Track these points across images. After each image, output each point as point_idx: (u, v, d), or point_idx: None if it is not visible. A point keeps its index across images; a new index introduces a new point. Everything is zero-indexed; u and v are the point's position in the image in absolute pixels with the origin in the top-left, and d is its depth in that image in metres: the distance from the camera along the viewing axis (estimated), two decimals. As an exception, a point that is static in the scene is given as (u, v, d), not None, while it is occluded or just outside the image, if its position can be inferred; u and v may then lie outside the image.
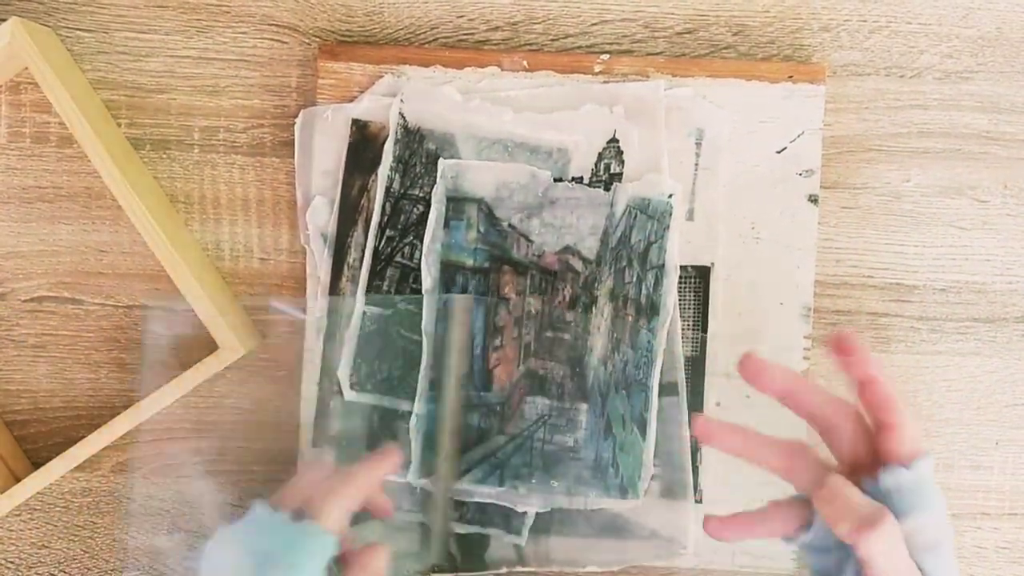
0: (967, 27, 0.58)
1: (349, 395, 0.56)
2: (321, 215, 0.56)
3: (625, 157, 0.56)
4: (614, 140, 0.56)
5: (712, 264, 0.56)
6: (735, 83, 0.56)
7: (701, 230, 0.56)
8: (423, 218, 0.56)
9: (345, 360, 0.56)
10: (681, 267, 0.56)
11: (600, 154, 0.56)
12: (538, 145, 0.56)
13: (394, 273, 0.56)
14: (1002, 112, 0.58)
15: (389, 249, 0.56)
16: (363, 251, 0.56)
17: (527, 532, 0.56)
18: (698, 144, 0.56)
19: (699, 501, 0.57)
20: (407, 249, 0.56)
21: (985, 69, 0.58)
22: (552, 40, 0.58)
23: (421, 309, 0.55)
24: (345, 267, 0.56)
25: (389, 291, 0.56)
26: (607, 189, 0.55)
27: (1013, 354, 0.59)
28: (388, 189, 0.56)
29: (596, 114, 0.56)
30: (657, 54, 0.58)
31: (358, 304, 0.56)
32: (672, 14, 0.58)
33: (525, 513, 0.56)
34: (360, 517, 0.57)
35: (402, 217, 0.56)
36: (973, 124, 0.58)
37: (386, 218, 0.56)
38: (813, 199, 0.56)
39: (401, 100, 0.55)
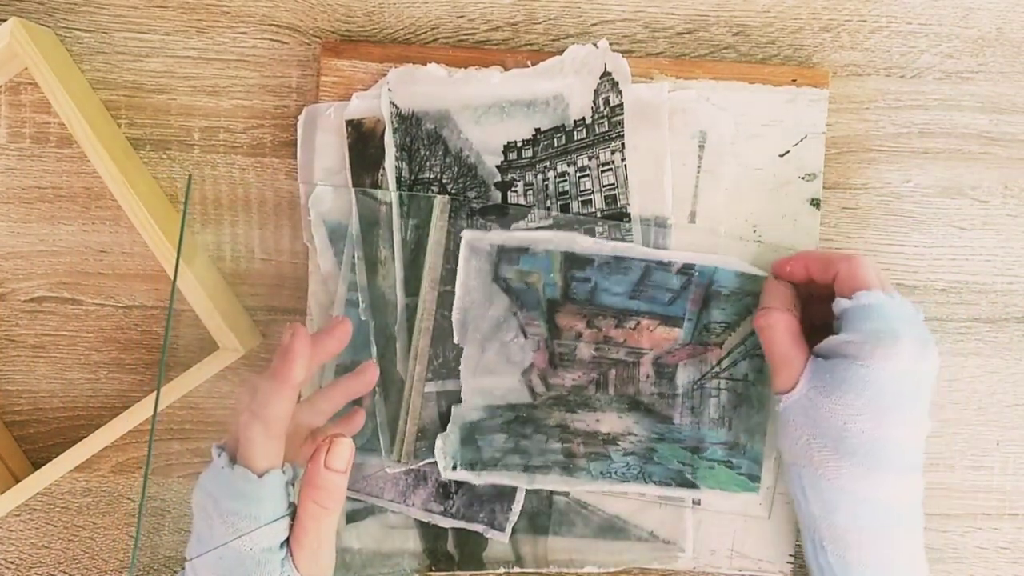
0: (967, 27, 0.58)
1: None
2: (324, 202, 0.56)
3: (620, 84, 0.55)
4: (606, 73, 0.55)
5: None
6: (738, 86, 0.56)
7: (703, 232, 0.56)
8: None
9: (400, 355, 0.56)
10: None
11: (596, 90, 0.56)
12: (533, 99, 0.56)
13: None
14: (1003, 112, 0.58)
15: (417, 237, 0.56)
16: (392, 246, 0.56)
17: (509, 528, 0.56)
18: (701, 146, 0.56)
19: (697, 503, 0.57)
20: None
21: (985, 69, 0.58)
22: (553, 40, 0.58)
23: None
24: (378, 266, 0.56)
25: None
26: (611, 124, 0.55)
27: (1014, 354, 0.59)
28: (399, 180, 0.56)
29: (582, 52, 0.55)
30: (658, 54, 0.57)
31: (399, 299, 0.56)
32: (672, 14, 0.58)
33: (510, 510, 0.56)
34: (356, 515, 0.57)
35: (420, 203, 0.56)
36: (974, 124, 0.58)
37: (405, 208, 0.56)
38: (815, 203, 0.56)
39: (389, 89, 0.55)
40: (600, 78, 0.55)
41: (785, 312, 0.51)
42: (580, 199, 0.56)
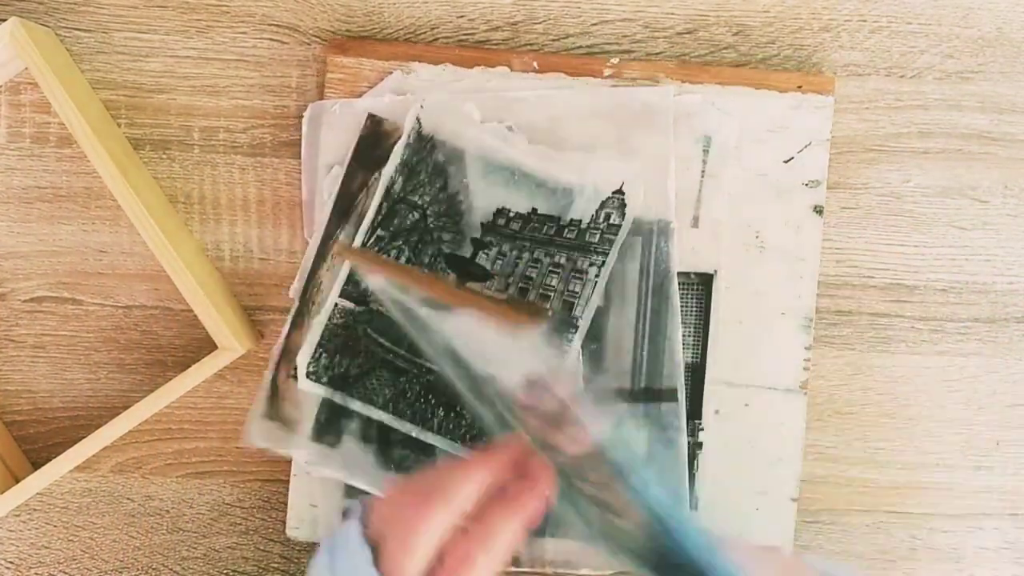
0: (967, 27, 0.58)
1: (303, 383, 0.56)
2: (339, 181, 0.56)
3: (627, 210, 0.55)
4: (620, 192, 0.55)
5: (715, 271, 0.56)
6: (744, 91, 0.56)
7: (706, 237, 0.56)
8: (416, 226, 0.56)
9: (307, 347, 0.56)
10: (684, 274, 0.56)
11: (604, 203, 0.55)
12: (545, 180, 0.56)
13: None
14: (1003, 112, 0.58)
15: (376, 249, 0.55)
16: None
17: None
18: (705, 151, 0.56)
19: (694, 508, 0.57)
20: (394, 253, 0.55)
21: (985, 69, 0.58)
22: (553, 40, 0.58)
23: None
24: (329, 258, 0.56)
25: (367, 290, 0.55)
26: (602, 239, 0.55)
27: (1014, 354, 0.59)
28: (389, 190, 0.55)
29: (609, 162, 0.55)
30: (658, 54, 0.57)
31: (331, 296, 0.56)
32: (672, 14, 0.58)
33: None
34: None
35: (396, 220, 0.56)
36: (974, 124, 0.58)
37: (380, 218, 0.56)
38: (818, 210, 0.56)
39: (421, 106, 0.55)
40: (612, 193, 0.55)
41: None
42: (540, 292, 0.55)
